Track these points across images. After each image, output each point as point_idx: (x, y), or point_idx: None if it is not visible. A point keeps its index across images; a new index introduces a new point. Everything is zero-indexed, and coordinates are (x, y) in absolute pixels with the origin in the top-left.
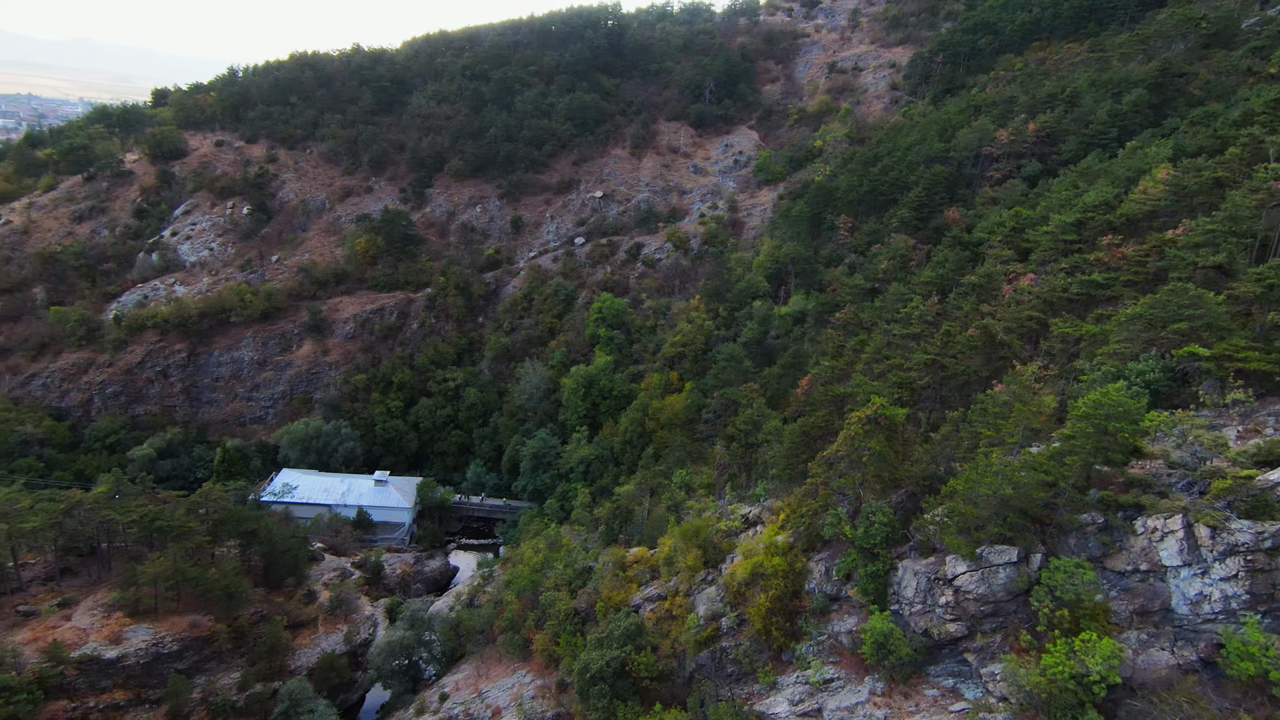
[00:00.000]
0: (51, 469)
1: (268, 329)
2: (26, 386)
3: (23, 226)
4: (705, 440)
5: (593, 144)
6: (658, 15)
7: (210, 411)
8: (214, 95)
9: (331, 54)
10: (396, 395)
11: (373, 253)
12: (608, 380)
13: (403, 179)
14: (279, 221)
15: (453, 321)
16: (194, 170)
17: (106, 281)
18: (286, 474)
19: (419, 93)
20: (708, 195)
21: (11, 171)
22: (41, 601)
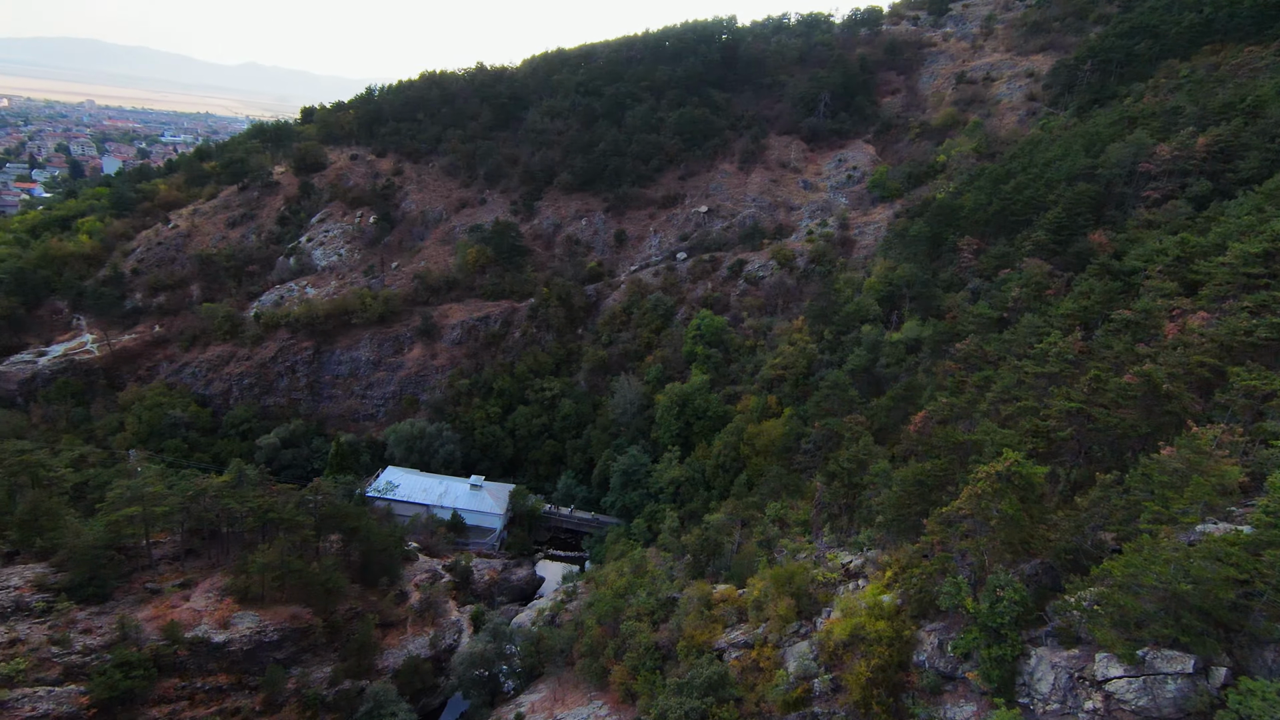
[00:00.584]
0: (193, 450)
1: (384, 331)
2: (179, 374)
3: (187, 230)
4: (803, 472)
5: (700, 158)
6: (773, 28)
7: (329, 406)
8: (352, 113)
9: (457, 73)
10: (496, 401)
11: (482, 262)
12: (703, 400)
13: (514, 192)
14: (400, 230)
15: (553, 332)
16: (331, 182)
17: (250, 282)
18: (391, 471)
19: (534, 109)
20: (817, 212)
21: (182, 181)
22: (166, 580)
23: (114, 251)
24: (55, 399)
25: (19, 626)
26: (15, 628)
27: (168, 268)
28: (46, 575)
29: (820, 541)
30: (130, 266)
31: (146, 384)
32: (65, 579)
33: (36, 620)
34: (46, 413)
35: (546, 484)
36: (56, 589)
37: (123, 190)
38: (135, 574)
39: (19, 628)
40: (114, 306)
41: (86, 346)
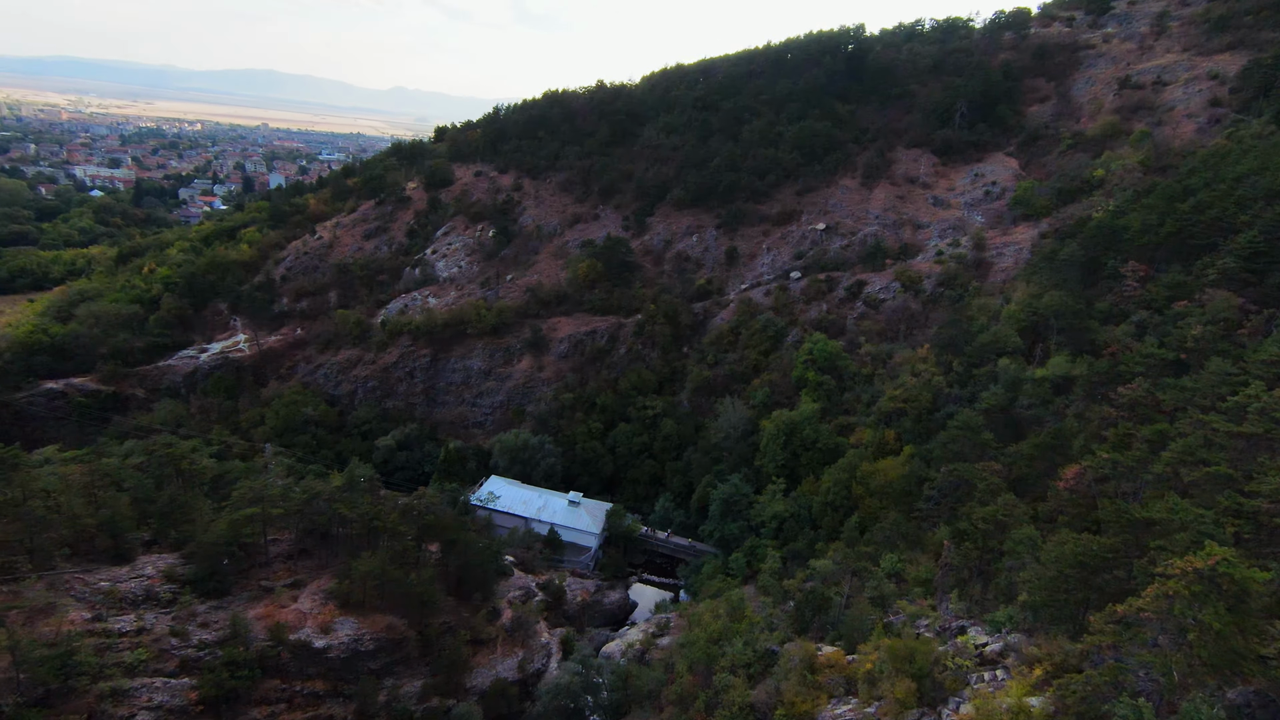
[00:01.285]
0: (320, 447)
1: (495, 342)
2: (314, 374)
3: (329, 241)
4: (924, 520)
5: (819, 173)
6: (905, 35)
7: (442, 412)
8: (479, 131)
9: (578, 91)
10: (598, 417)
11: (592, 277)
12: (812, 430)
13: (627, 207)
14: (517, 244)
15: (658, 349)
16: (456, 197)
17: (380, 290)
18: (494, 481)
19: (651, 125)
20: (948, 231)
21: (329, 196)
22: (279, 578)
23: (268, 259)
24: (211, 392)
25: (147, 616)
26: (144, 617)
27: (311, 275)
28: (176, 567)
29: (945, 609)
30: (280, 274)
31: (286, 382)
32: (191, 571)
33: (163, 610)
34: (203, 404)
35: (644, 505)
36: (183, 581)
37: (279, 204)
38: (253, 570)
39: (147, 617)
40: (264, 310)
41: (240, 345)
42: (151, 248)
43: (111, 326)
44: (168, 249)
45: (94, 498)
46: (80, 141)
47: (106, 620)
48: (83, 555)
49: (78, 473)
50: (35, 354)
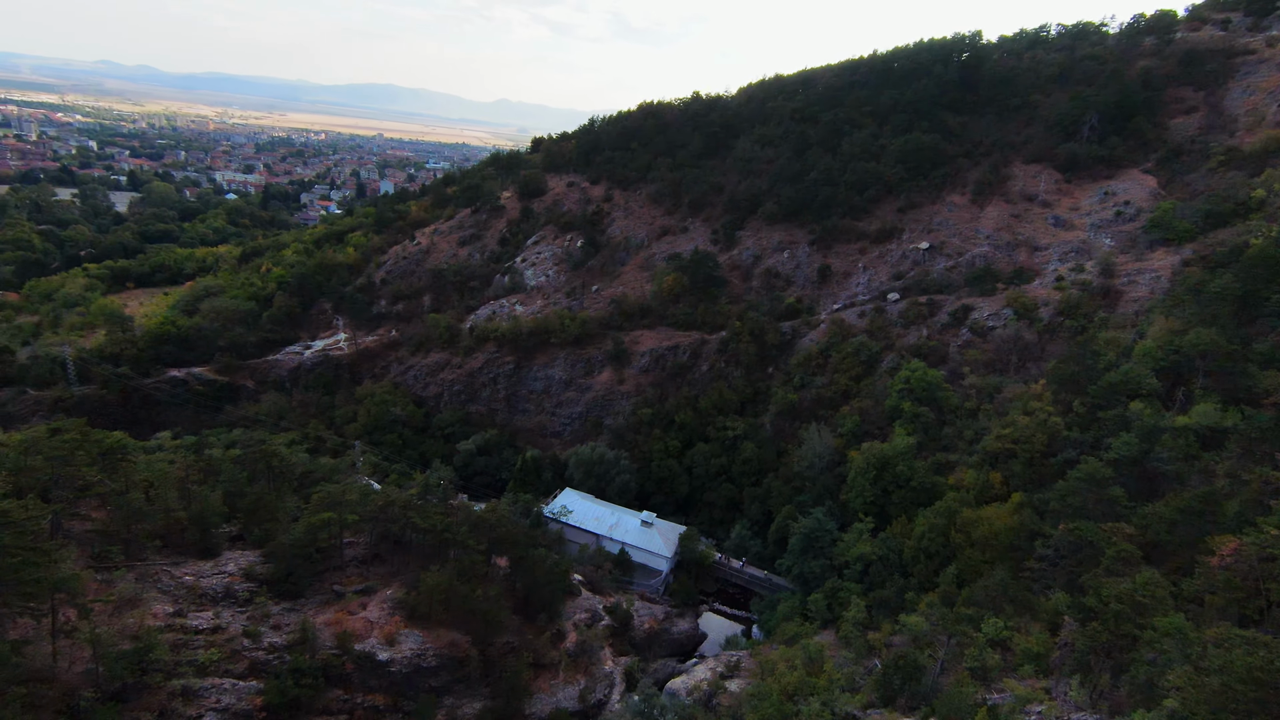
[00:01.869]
0: (406, 447)
1: (577, 353)
2: (405, 375)
3: (426, 247)
4: (1036, 582)
5: (924, 189)
6: (1027, 42)
7: (522, 420)
8: (574, 143)
9: (673, 103)
10: (676, 435)
11: (677, 291)
12: (906, 466)
13: (716, 221)
14: (604, 255)
15: (742, 368)
16: (548, 206)
17: (470, 296)
18: (568, 494)
19: (745, 137)
20: (1071, 254)
21: (429, 204)
22: (351, 583)
23: (370, 263)
24: (312, 387)
25: (224, 613)
26: (220, 614)
27: (408, 279)
28: (255, 565)
29: (1064, 697)
30: (380, 277)
31: (379, 381)
32: (268, 571)
33: (239, 609)
34: (303, 399)
35: (719, 530)
36: (260, 580)
37: (384, 210)
38: (327, 573)
39: (224, 614)
40: (364, 310)
41: (340, 344)
42: (269, 248)
43: (230, 321)
44: (284, 250)
45: (187, 492)
46: (222, 149)
47: (186, 616)
48: (173, 547)
49: (178, 464)
50: (164, 344)
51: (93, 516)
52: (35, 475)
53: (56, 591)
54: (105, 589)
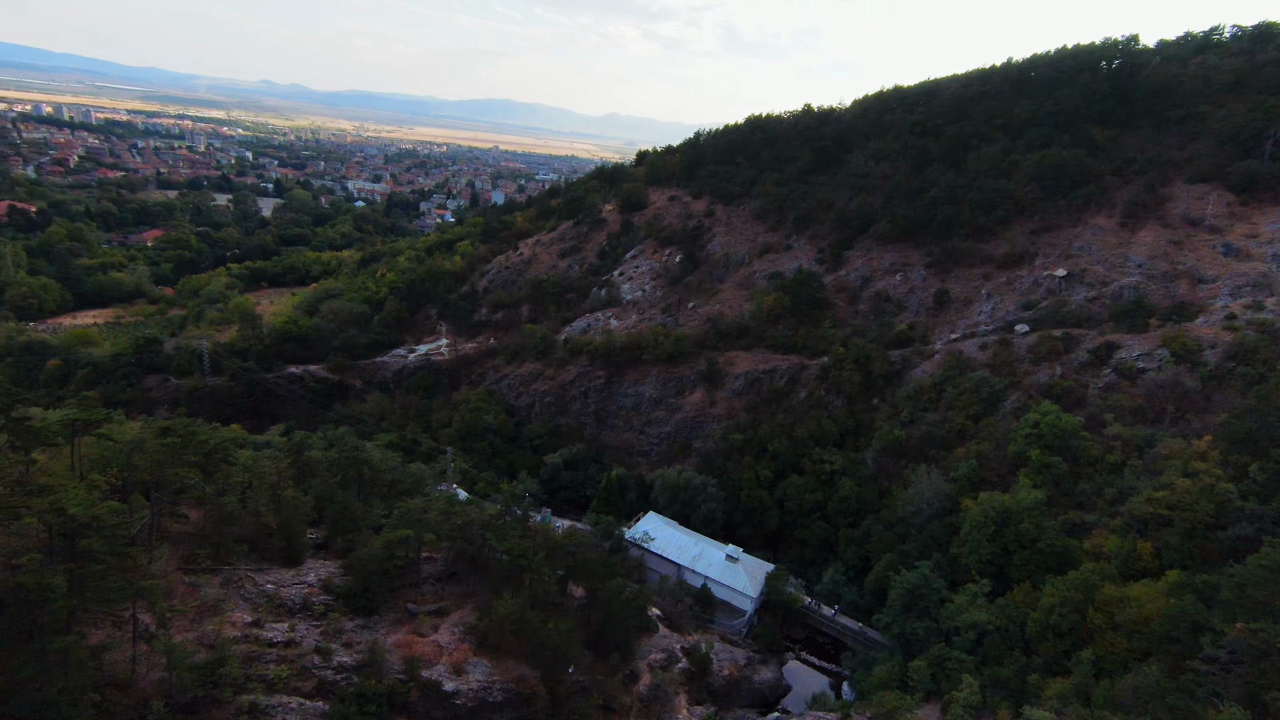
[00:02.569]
0: (495, 455)
1: (669, 371)
2: (499, 383)
3: (528, 258)
4: (1201, 688)
5: (1063, 210)
6: (1194, 47)
7: (610, 436)
8: (678, 156)
9: (781, 115)
10: (768, 464)
11: (777, 311)
12: (1032, 524)
13: (823, 239)
14: (702, 271)
15: (843, 398)
16: (648, 220)
17: (567, 308)
18: (651, 519)
19: (859, 151)
20: (1246, 289)
21: (534, 215)
22: (425, 602)
23: (475, 271)
24: (412, 390)
25: (299, 626)
26: (296, 627)
27: (508, 289)
28: (334, 577)
29: None
30: (483, 285)
31: (474, 388)
32: (345, 584)
33: (314, 622)
34: (404, 401)
35: (809, 571)
36: (337, 593)
37: (491, 221)
38: (403, 590)
39: (299, 628)
40: (466, 318)
41: (441, 350)
42: (386, 254)
43: (345, 323)
44: (398, 256)
45: (278, 498)
46: (356, 160)
47: (263, 626)
48: (259, 552)
49: (274, 468)
50: (286, 341)
51: (189, 517)
52: (140, 475)
53: (138, 599)
54: (192, 593)
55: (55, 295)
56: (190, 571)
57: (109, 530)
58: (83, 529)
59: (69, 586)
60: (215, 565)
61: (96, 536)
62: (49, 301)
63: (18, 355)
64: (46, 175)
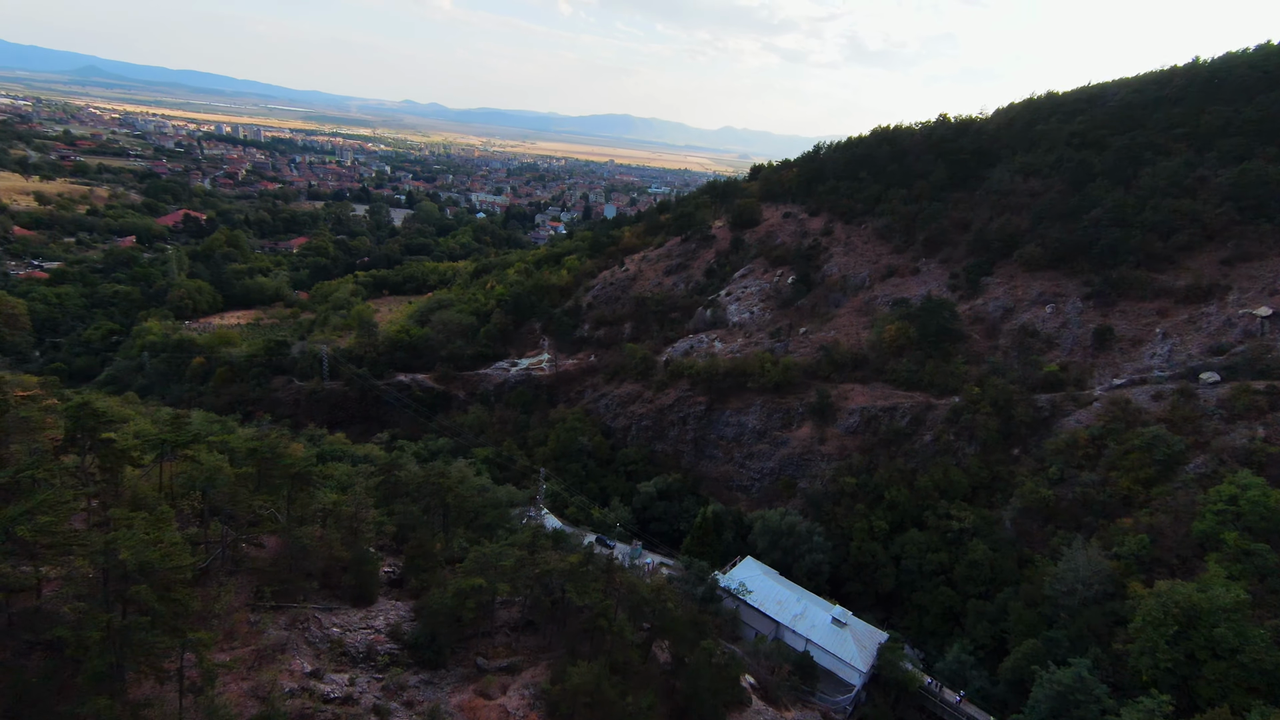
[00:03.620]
0: (588, 479)
1: (776, 401)
2: (597, 403)
3: (633, 274)
4: None
5: (1266, 236)
6: None
7: (707, 466)
8: (795, 170)
9: (912, 127)
10: (884, 514)
11: (901, 342)
12: (1232, 630)
13: (957, 263)
14: (816, 294)
15: (977, 445)
16: (760, 238)
17: (670, 328)
18: (749, 565)
19: (1003, 165)
20: None
21: (642, 230)
22: (497, 655)
23: (580, 286)
24: (512, 404)
25: (359, 680)
26: (356, 680)
27: (612, 305)
28: (403, 623)
29: None
30: (587, 301)
31: (572, 406)
32: (413, 632)
33: (376, 675)
34: (503, 415)
35: (929, 644)
36: (404, 642)
37: (599, 235)
38: (473, 639)
39: (359, 681)
40: (568, 333)
41: (542, 365)
42: (497, 266)
43: (453, 333)
44: (508, 269)
45: (355, 530)
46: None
47: (321, 678)
48: (330, 589)
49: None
50: (398, 350)
51: (267, 545)
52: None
53: (186, 650)
54: (254, 635)
55: (208, 297)
56: (256, 609)
57: (164, 574)
58: (134, 574)
59: (110, 639)
60: (282, 603)
61: (146, 584)
62: (202, 302)
63: (171, 351)
64: (219, 187)
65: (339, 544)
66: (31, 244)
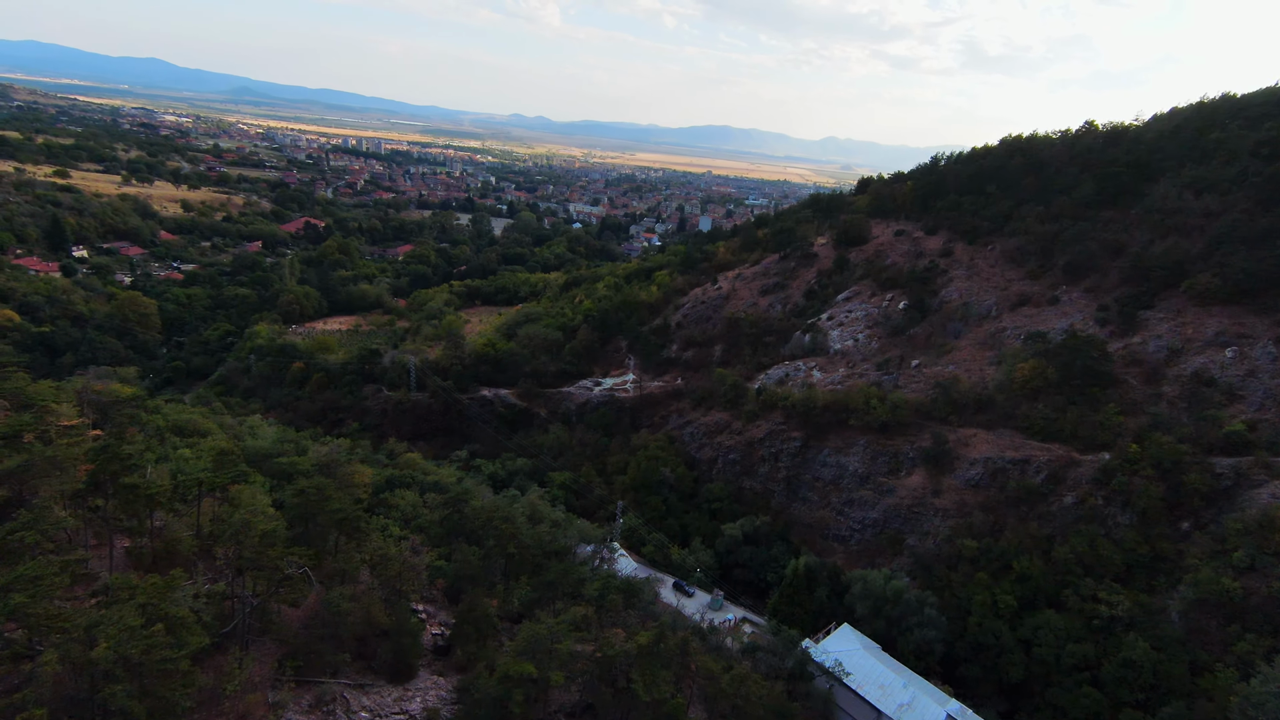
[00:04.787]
0: (669, 515)
1: (882, 442)
2: (682, 429)
3: (726, 292)
4: None
5: None
6: None
7: (800, 510)
8: (910, 184)
9: (1050, 136)
10: (1011, 588)
11: (1036, 384)
12: None
13: (1107, 292)
14: (931, 323)
15: (1133, 514)
16: (868, 257)
17: (764, 352)
18: (845, 635)
19: (1167, 179)
20: None
21: (737, 246)
22: None
23: (669, 304)
24: (593, 426)
25: None
26: None
27: (702, 325)
28: (443, 708)
29: None
30: (676, 320)
31: (655, 432)
32: (458, 716)
33: None
34: (583, 437)
35: None
36: None
37: (691, 250)
38: None
39: None
40: (655, 353)
41: (627, 386)
42: (587, 280)
43: (538, 349)
44: (598, 283)
45: (400, 589)
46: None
47: None
48: (365, 659)
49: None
50: (482, 364)
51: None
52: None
53: None
54: (273, 716)
55: (314, 302)
56: (278, 684)
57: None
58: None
59: None
60: (308, 678)
61: (125, 683)
62: (309, 307)
63: (274, 355)
64: (340, 196)
65: (379, 607)
66: (174, 247)
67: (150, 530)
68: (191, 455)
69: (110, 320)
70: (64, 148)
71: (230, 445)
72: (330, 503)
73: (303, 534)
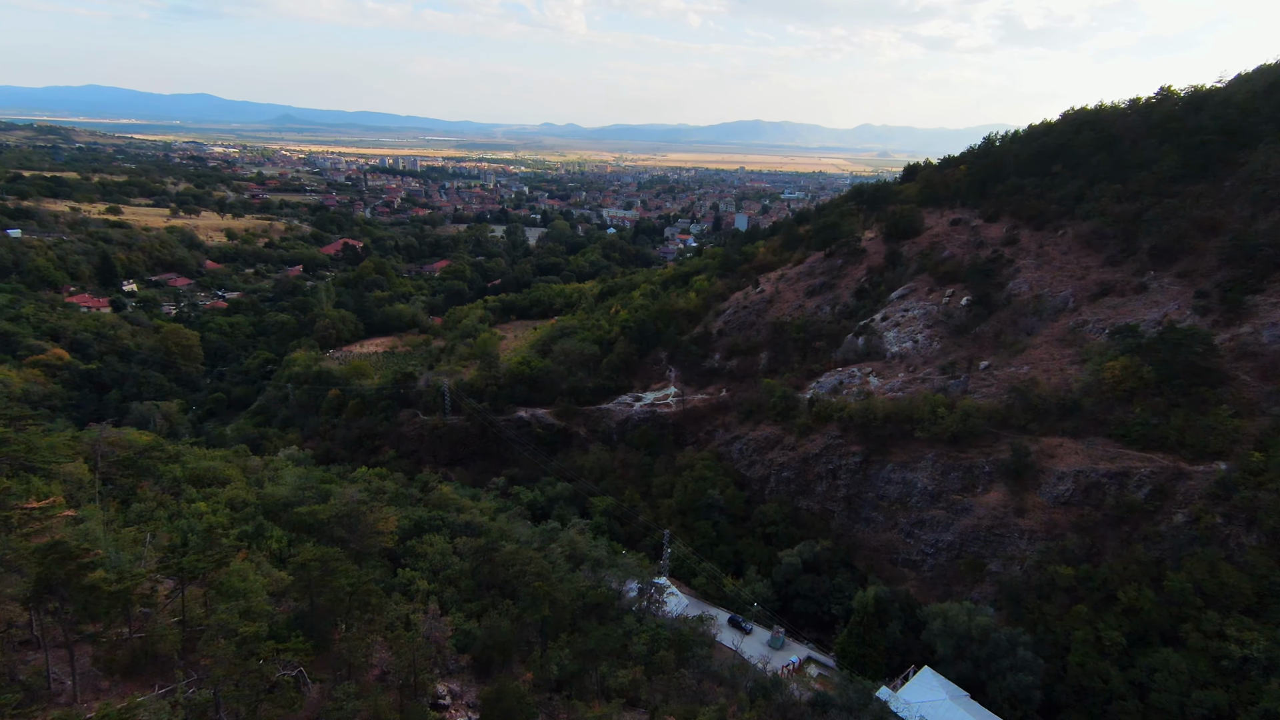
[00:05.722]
0: (720, 541)
1: (953, 455)
2: (729, 446)
3: (770, 295)
4: None
5: None
6: None
7: (864, 532)
8: (963, 168)
9: (1119, 107)
10: (1117, 622)
11: (1130, 384)
12: None
13: (1204, 277)
14: (1000, 318)
15: (1262, 534)
16: (922, 250)
17: (814, 359)
18: (926, 680)
19: (1266, 145)
20: None
21: (778, 245)
22: None
23: (710, 310)
24: (635, 445)
25: None
26: None
27: (745, 332)
28: None
29: None
30: (717, 327)
31: (700, 449)
32: None
33: None
34: (624, 457)
35: None
36: None
37: (730, 252)
38: None
39: None
40: (697, 364)
41: (668, 400)
42: (622, 288)
43: (574, 365)
44: (634, 291)
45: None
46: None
47: None
48: None
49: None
50: (518, 383)
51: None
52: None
53: None
54: None
55: (350, 325)
56: None
57: None
58: None
59: None
60: None
61: None
62: (345, 331)
63: (311, 383)
64: (378, 215)
65: (390, 707)
66: (219, 276)
67: (131, 622)
68: (207, 509)
69: (154, 354)
70: (118, 184)
71: (248, 495)
72: (336, 577)
73: (309, 610)
